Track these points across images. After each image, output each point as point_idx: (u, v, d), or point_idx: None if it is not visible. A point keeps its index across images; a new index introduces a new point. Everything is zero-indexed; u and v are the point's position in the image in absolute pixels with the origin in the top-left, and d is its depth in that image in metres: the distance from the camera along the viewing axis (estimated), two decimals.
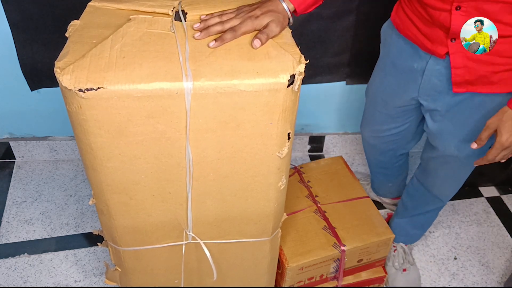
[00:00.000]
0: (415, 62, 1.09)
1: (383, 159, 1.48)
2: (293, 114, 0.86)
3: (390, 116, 1.28)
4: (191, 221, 1.00)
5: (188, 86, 0.77)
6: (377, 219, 1.34)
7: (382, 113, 1.29)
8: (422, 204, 1.39)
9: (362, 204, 1.38)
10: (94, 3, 0.94)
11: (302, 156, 1.92)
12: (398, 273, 1.47)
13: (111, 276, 1.22)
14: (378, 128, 1.35)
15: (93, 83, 0.75)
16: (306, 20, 1.49)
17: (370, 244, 1.28)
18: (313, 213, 1.35)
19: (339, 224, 1.32)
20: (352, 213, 1.35)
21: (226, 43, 0.83)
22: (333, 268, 1.30)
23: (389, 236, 1.30)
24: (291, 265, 1.22)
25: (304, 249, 1.25)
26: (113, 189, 0.91)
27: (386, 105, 1.26)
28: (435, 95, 1.09)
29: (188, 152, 0.86)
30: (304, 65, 0.80)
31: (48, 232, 1.56)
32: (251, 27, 0.84)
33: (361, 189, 1.43)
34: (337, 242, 1.27)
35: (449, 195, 1.33)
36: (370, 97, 1.33)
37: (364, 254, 1.30)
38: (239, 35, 0.84)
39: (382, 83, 1.24)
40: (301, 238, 1.28)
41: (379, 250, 1.32)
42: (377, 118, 1.32)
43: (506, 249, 1.60)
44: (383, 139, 1.37)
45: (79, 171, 1.78)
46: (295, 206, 1.36)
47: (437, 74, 1.05)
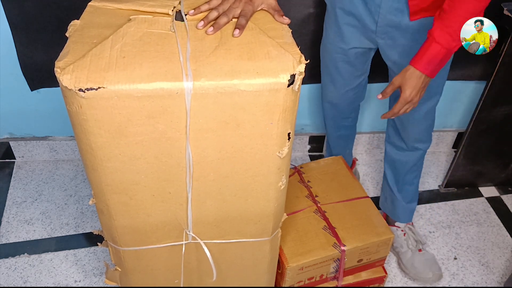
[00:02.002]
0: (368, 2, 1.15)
1: (342, 115, 1.54)
2: (293, 114, 0.86)
3: (349, 63, 1.33)
4: (191, 221, 1.00)
5: (188, 86, 0.77)
6: (377, 219, 1.34)
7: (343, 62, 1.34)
8: (404, 163, 1.44)
9: (362, 204, 1.38)
10: (94, 3, 0.94)
11: (302, 156, 1.92)
12: (415, 254, 1.49)
13: (111, 276, 1.22)
14: (341, 83, 1.39)
15: (93, 83, 0.75)
16: (306, 20, 1.49)
17: (370, 244, 1.28)
18: (313, 213, 1.35)
19: (339, 224, 1.32)
20: (352, 213, 1.35)
21: (222, 28, 0.87)
22: (333, 268, 1.30)
23: (389, 236, 1.30)
24: (291, 265, 1.22)
25: (304, 249, 1.25)
26: (113, 189, 0.91)
27: (345, 53, 1.30)
28: (391, 32, 1.15)
29: (188, 152, 0.86)
30: (304, 65, 0.80)
31: (48, 232, 1.56)
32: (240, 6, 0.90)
33: (361, 189, 1.43)
34: (337, 242, 1.27)
35: (423, 138, 1.37)
36: (328, 52, 1.35)
37: (364, 254, 1.31)
38: (231, 18, 0.89)
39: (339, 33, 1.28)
40: (301, 238, 1.28)
41: (379, 250, 1.32)
42: (341, 72, 1.36)
43: (506, 249, 1.60)
44: (345, 92, 1.43)
45: (79, 171, 1.78)
46: (295, 206, 1.37)
47: (391, 10, 1.11)
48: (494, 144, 1.69)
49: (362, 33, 1.21)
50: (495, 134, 1.66)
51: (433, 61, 1.03)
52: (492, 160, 1.76)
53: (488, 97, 1.53)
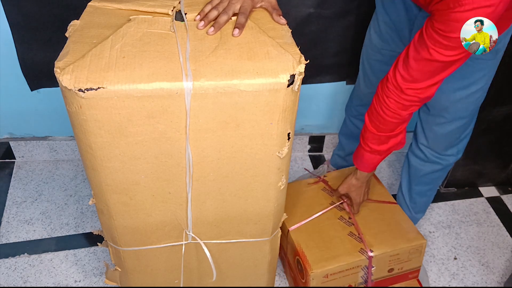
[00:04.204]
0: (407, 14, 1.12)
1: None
2: (293, 114, 0.86)
3: (385, 63, 1.29)
4: (191, 221, 1.00)
5: (188, 86, 0.77)
6: (407, 224, 1.27)
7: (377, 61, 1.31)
8: (420, 171, 1.38)
9: (389, 210, 1.31)
10: (94, 3, 0.94)
11: (302, 156, 1.92)
12: None
13: (111, 276, 1.22)
14: (375, 81, 1.34)
15: (93, 83, 0.75)
16: (306, 20, 1.49)
17: (400, 250, 1.21)
18: (338, 219, 1.29)
19: (366, 230, 1.25)
20: (379, 219, 1.28)
21: (223, 27, 0.88)
22: (362, 278, 1.23)
23: (421, 242, 1.22)
24: (316, 271, 1.16)
25: (329, 255, 1.18)
26: (113, 189, 0.91)
27: (381, 52, 1.27)
28: None
29: (188, 152, 0.86)
30: (304, 65, 0.80)
31: (48, 232, 1.56)
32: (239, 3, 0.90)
33: (388, 195, 1.37)
34: (364, 248, 1.20)
35: (448, 148, 1.31)
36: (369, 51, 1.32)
37: (394, 262, 1.23)
38: (231, 14, 0.89)
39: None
40: (326, 244, 1.21)
41: (411, 258, 1.24)
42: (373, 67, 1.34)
43: (506, 249, 1.60)
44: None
45: (79, 171, 1.78)
46: (319, 212, 1.31)
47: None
48: (494, 144, 1.69)
49: (399, 37, 1.18)
50: (495, 134, 1.65)
51: (373, 164, 1.16)
52: (492, 160, 1.75)
53: (488, 97, 1.52)
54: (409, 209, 1.47)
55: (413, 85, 0.97)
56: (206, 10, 0.90)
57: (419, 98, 0.99)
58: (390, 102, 1.02)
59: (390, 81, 1.00)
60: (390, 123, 1.05)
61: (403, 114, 1.03)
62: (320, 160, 1.91)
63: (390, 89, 1.01)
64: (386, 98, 1.02)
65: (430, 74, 0.94)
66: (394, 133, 1.08)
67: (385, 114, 1.04)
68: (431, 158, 1.32)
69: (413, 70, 0.95)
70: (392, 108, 1.02)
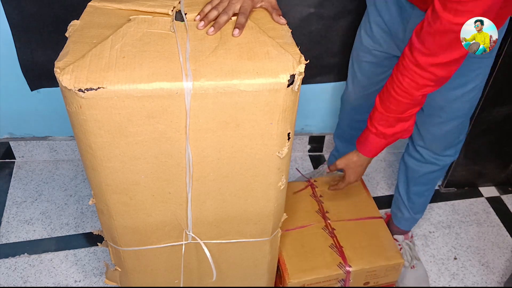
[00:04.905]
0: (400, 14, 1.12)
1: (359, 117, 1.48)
2: (293, 114, 0.86)
3: (376, 64, 1.30)
4: (191, 221, 1.00)
5: (188, 86, 0.77)
6: (388, 242, 1.28)
7: (369, 63, 1.30)
8: (418, 171, 1.38)
9: (373, 225, 1.33)
10: (94, 3, 0.94)
11: (302, 156, 1.92)
12: (407, 270, 1.47)
13: (111, 276, 1.22)
14: (365, 83, 1.35)
15: (93, 83, 0.75)
16: (306, 20, 1.49)
17: (377, 268, 1.23)
18: (322, 229, 1.30)
19: (347, 243, 1.27)
20: (362, 233, 1.30)
21: (223, 27, 0.88)
22: None
23: (399, 261, 1.24)
24: (293, 281, 1.18)
25: (307, 266, 1.21)
26: (113, 189, 0.91)
27: (371, 53, 1.27)
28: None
29: (188, 152, 0.86)
30: (304, 65, 0.80)
31: (48, 232, 1.56)
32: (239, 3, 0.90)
33: (375, 208, 1.38)
34: (342, 262, 1.22)
35: (445, 148, 1.31)
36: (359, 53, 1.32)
37: (371, 277, 1.25)
38: (231, 14, 0.89)
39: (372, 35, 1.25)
40: (306, 254, 1.23)
41: (387, 274, 1.26)
42: (364, 70, 1.33)
43: (506, 249, 1.60)
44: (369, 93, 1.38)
45: (79, 171, 1.78)
46: (304, 220, 1.32)
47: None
48: (494, 144, 1.69)
49: (392, 38, 1.18)
50: (495, 134, 1.65)
51: (376, 149, 1.14)
52: (492, 160, 1.76)
53: (488, 97, 1.53)
54: (408, 209, 1.47)
55: (432, 59, 0.94)
56: (206, 10, 0.90)
57: (437, 77, 0.97)
58: (404, 81, 0.99)
59: (407, 57, 0.97)
60: (401, 104, 1.03)
61: (416, 95, 1.00)
62: (320, 160, 1.91)
63: (406, 67, 0.98)
64: (401, 76, 0.99)
65: (447, 47, 0.92)
66: (404, 116, 1.06)
67: (396, 93, 1.02)
68: (428, 159, 1.32)
69: (428, 43, 0.93)
70: (405, 87, 1.00)
